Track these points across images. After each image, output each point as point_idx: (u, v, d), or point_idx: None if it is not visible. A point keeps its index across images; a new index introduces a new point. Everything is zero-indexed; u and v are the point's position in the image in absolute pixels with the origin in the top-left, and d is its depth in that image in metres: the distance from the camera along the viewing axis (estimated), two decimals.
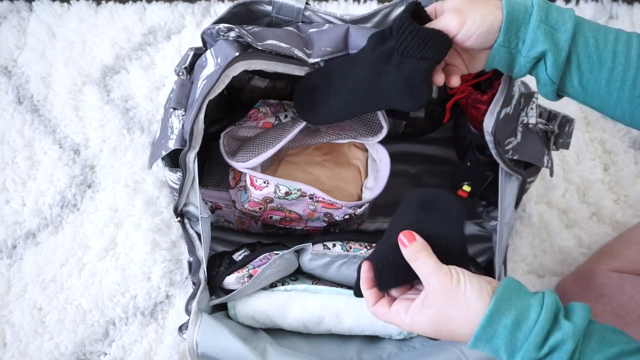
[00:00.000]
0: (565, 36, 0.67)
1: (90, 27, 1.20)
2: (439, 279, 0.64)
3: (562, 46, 0.67)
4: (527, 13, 0.67)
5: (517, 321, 0.61)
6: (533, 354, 0.60)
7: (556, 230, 1.10)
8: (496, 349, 0.62)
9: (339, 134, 0.92)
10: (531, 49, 0.67)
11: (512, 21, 0.67)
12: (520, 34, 0.67)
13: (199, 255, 0.88)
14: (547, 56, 0.67)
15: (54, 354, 1.03)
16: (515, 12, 0.67)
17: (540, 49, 0.67)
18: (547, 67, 0.68)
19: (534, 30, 0.67)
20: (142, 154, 1.13)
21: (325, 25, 0.90)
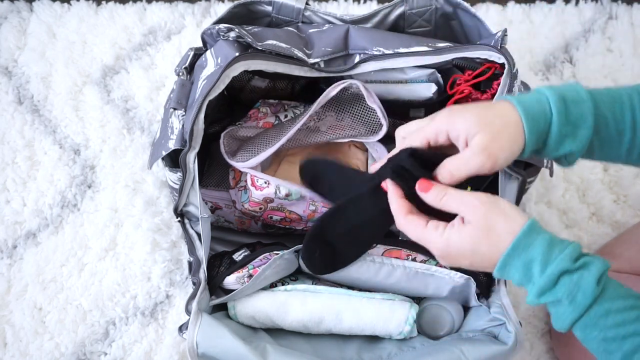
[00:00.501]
0: (587, 132, 0.66)
1: (90, 28, 1.20)
2: (475, 197, 0.64)
3: (584, 143, 0.66)
4: (547, 122, 0.65)
5: (553, 238, 0.62)
6: (567, 263, 0.61)
7: (556, 230, 1.10)
8: (530, 260, 0.62)
9: (339, 134, 0.92)
10: (554, 151, 0.67)
11: (533, 136, 0.65)
12: (541, 139, 0.66)
13: (199, 255, 0.88)
14: (570, 154, 0.67)
15: (54, 354, 1.03)
16: (536, 128, 0.65)
17: (563, 152, 0.67)
18: (568, 158, 0.68)
19: (556, 136, 0.65)
20: (142, 154, 1.13)
21: (325, 26, 0.90)
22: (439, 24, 0.93)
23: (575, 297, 0.61)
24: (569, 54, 1.20)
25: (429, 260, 0.89)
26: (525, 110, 0.65)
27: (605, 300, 0.61)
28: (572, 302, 0.61)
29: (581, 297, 0.61)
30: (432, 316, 0.92)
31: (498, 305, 0.87)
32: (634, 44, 1.20)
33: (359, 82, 0.87)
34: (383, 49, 0.86)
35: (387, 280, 0.89)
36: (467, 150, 0.64)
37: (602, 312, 0.61)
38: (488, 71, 0.86)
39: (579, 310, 0.61)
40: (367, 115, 0.92)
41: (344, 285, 0.91)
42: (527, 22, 1.21)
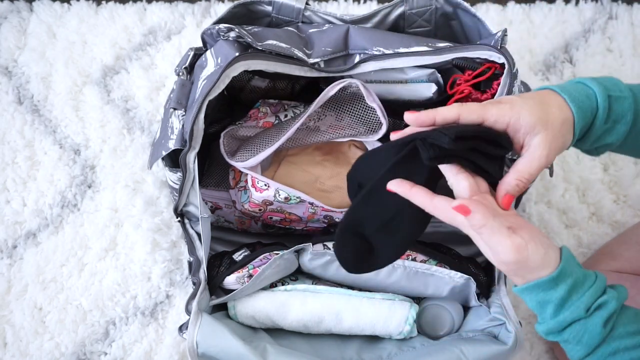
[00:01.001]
0: (625, 128, 0.68)
1: (90, 28, 1.20)
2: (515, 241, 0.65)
3: (620, 137, 0.68)
4: (592, 115, 0.67)
5: (577, 282, 0.63)
6: (581, 313, 0.62)
7: (556, 230, 1.10)
8: (546, 301, 0.63)
9: (339, 133, 0.92)
10: (594, 143, 0.69)
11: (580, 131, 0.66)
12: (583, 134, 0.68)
13: (199, 255, 0.88)
14: (605, 145, 0.69)
15: (54, 354, 1.03)
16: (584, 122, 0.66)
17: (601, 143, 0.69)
18: (599, 150, 0.70)
19: (597, 131, 0.67)
20: (142, 154, 1.13)
21: (325, 26, 0.90)
22: (439, 24, 0.93)
23: (581, 339, 0.63)
24: (569, 54, 1.20)
25: (429, 260, 0.89)
26: (578, 107, 0.65)
27: (613, 340, 0.62)
28: (579, 343, 0.63)
29: (588, 339, 0.63)
30: (432, 316, 0.92)
31: (498, 305, 0.87)
32: (634, 44, 1.20)
33: (358, 81, 0.87)
34: (383, 48, 0.86)
35: (387, 280, 0.89)
36: (531, 153, 0.64)
37: (610, 351, 0.62)
38: (488, 71, 0.86)
39: (587, 350, 0.63)
40: (366, 114, 0.92)
41: (344, 285, 0.91)
42: (527, 22, 1.21)
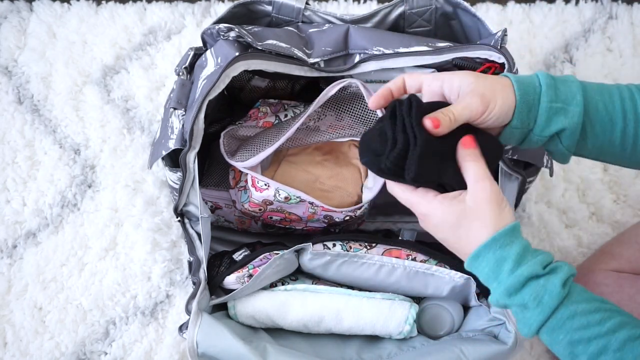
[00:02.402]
0: (578, 109, 0.67)
1: (90, 27, 1.20)
2: (486, 183, 0.65)
3: (576, 120, 0.67)
4: (536, 93, 0.67)
5: (529, 245, 0.64)
6: (537, 268, 0.62)
7: (556, 230, 1.10)
8: (503, 257, 0.63)
9: (339, 133, 0.92)
10: (544, 129, 0.68)
11: (524, 104, 0.67)
12: (531, 114, 0.68)
13: (199, 255, 0.88)
14: (562, 132, 0.68)
15: (54, 354, 1.03)
16: (525, 94, 0.67)
17: (554, 128, 0.67)
18: (562, 140, 0.69)
19: (546, 110, 0.67)
20: (142, 154, 1.13)
21: (325, 25, 0.90)
22: (439, 23, 0.93)
23: (541, 300, 0.62)
24: (569, 54, 1.20)
25: (429, 260, 0.89)
26: (515, 77, 0.68)
27: (571, 303, 0.62)
28: (538, 305, 0.62)
29: (547, 299, 0.62)
30: (432, 316, 0.92)
31: None
32: (634, 44, 1.20)
33: (358, 81, 0.87)
34: (383, 48, 0.86)
35: (387, 280, 0.89)
36: (463, 96, 0.67)
37: (568, 315, 0.62)
38: (488, 71, 0.86)
39: (546, 312, 0.62)
40: (366, 114, 0.92)
41: (344, 285, 0.91)
42: (527, 22, 1.21)
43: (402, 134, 0.65)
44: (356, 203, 0.95)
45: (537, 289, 0.62)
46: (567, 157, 0.70)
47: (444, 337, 0.91)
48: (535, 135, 0.68)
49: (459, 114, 0.66)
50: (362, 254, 0.88)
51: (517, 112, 0.67)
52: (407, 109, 0.65)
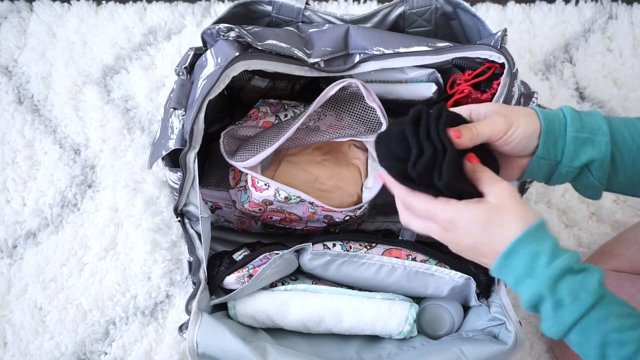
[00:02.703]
0: (605, 139, 0.68)
1: (90, 27, 1.20)
2: (503, 184, 0.65)
3: (604, 149, 0.68)
4: (562, 124, 0.68)
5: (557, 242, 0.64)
6: (573, 262, 0.62)
7: (556, 230, 1.10)
8: (538, 251, 0.62)
9: (339, 133, 0.92)
10: (574, 159, 0.68)
11: (549, 133, 0.68)
12: (558, 145, 0.68)
13: (199, 255, 0.88)
14: (591, 164, 0.68)
15: (54, 354, 1.03)
16: (551, 124, 0.68)
17: (584, 159, 0.68)
18: (593, 172, 0.69)
19: (573, 140, 0.68)
20: (142, 154, 1.13)
21: (325, 25, 0.90)
22: (439, 23, 0.93)
23: (578, 296, 0.61)
24: (569, 54, 1.20)
25: (429, 260, 0.89)
26: (539, 109, 0.69)
27: (605, 304, 0.61)
28: (574, 301, 0.61)
29: (585, 296, 0.61)
30: (432, 316, 0.92)
31: (498, 305, 0.87)
32: (634, 44, 1.20)
33: (358, 81, 0.87)
34: (383, 48, 0.86)
35: (387, 280, 0.89)
36: (488, 118, 0.68)
37: (603, 315, 0.61)
38: (488, 71, 0.86)
39: (581, 309, 0.61)
40: (366, 114, 0.92)
41: (344, 285, 0.91)
42: (527, 22, 1.21)
43: (428, 142, 0.64)
44: (356, 203, 0.95)
45: (574, 285, 0.61)
46: (599, 190, 0.70)
47: (444, 337, 0.91)
48: (564, 166, 0.69)
49: (483, 129, 0.66)
50: (362, 254, 0.88)
51: (542, 141, 0.68)
52: (436, 117, 0.65)
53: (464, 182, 0.67)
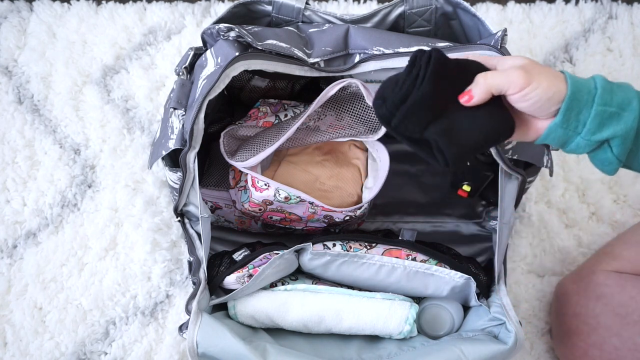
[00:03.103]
0: (633, 115, 0.64)
1: (90, 27, 1.20)
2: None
3: (630, 126, 0.64)
4: (591, 95, 0.65)
5: None
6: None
7: (556, 230, 1.10)
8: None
9: (339, 133, 0.92)
10: (596, 133, 0.65)
11: (574, 102, 0.64)
12: (582, 116, 0.65)
13: (199, 255, 0.88)
14: (613, 139, 0.65)
15: (54, 354, 1.03)
16: (578, 92, 0.64)
17: (607, 133, 0.65)
18: (613, 148, 0.66)
19: (599, 114, 0.64)
20: (142, 154, 1.13)
21: (325, 25, 0.90)
22: (439, 23, 0.93)
23: None
24: (569, 54, 1.20)
25: (429, 260, 0.90)
26: (570, 74, 0.66)
27: None
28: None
29: None
30: (432, 316, 0.92)
31: (498, 305, 0.87)
32: (634, 43, 1.20)
33: (358, 81, 0.87)
34: (383, 48, 0.86)
35: (387, 280, 0.89)
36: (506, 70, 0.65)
37: None
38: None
39: None
40: (366, 114, 0.92)
41: (344, 285, 0.91)
42: (527, 22, 1.21)
43: (411, 81, 0.64)
44: (356, 203, 0.95)
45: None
46: (615, 166, 0.67)
47: (444, 337, 0.91)
48: (584, 139, 0.65)
49: (493, 80, 0.64)
50: (362, 254, 0.88)
51: (563, 109, 0.64)
52: (426, 61, 0.64)
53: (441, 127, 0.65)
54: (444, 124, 0.65)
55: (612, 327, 0.91)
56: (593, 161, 0.70)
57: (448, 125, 0.66)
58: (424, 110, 0.64)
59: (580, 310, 0.94)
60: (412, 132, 0.65)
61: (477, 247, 1.07)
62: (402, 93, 0.64)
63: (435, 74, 0.64)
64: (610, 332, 0.91)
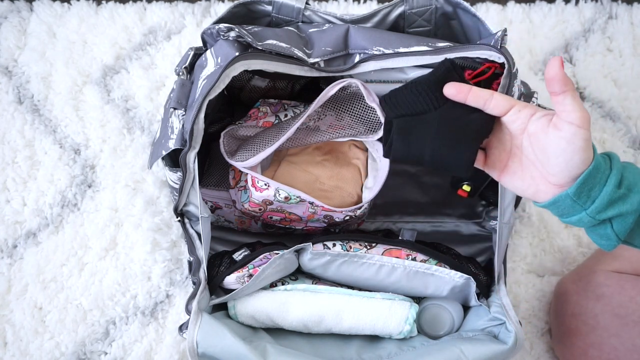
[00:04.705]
0: (638, 197, 0.64)
1: (90, 27, 1.20)
2: None
3: (635, 208, 0.64)
4: (605, 175, 0.64)
5: None
6: None
7: (556, 229, 1.10)
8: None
9: (339, 133, 0.92)
10: (601, 212, 0.64)
11: (590, 177, 0.64)
12: (593, 193, 0.64)
13: (199, 255, 0.88)
14: (618, 218, 0.65)
15: (54, 354, 1.03)
16: (597, 168, 0.64)
17: (612, 213, 0.64)
18: (614, 225, 0.65)
19: (609, 194, 0.64)
20: (142, 154, 1.13)
21: (325, 25, 0.90)
22: (439, 23, 0.93)
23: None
24: (569, 54, 1.20)
25: (429, 260, 0.90)
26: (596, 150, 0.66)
27: None
28: None
29: None
30: (432, 316, 0.92)
31: (498, 305, 0.87)
32: (634, 43, 1.20)
33: (358, 81, 0.86)
34: (383, 48, 0.86)
35: (387, 280, 0.89)
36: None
37: None
38: (488, 71, 0.86)
39: None
40: (366, 114, 0.92)
41: (344, 285, 0.91)
42: (527, 22, 1.21)
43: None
44: (356, 203, 0.95)
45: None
46: (614, 242, 0.67)
47: (444, 337, 0.91)
48: (589, 216, 0.65)
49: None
50: (362, 254, 0.88)
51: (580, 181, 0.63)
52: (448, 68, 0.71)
53: None
54: (410, 124, 0.69)
55: (611, 328, 0.91)
56: (591, 235, 0.69)
57: (413, 126, 0.69)
58: (409, 103, 0.70)
59: (580, 310, 0.94)
60: (388, 112, 0.73)
61: (477, 247, 1.07)
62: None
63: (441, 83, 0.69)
64: (609, 332, 0.91)
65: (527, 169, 0.69)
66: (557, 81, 0.63)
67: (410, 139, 0.69)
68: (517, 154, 0.71)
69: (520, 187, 0.70)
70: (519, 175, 0.70)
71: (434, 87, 0.70)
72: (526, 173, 0.69)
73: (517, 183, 0.71)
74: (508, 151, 0.71)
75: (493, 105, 0.68)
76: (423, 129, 0.70)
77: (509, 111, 0.68)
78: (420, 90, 0.70)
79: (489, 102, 0.68)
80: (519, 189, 0.71)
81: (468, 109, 0.70)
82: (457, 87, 0.67)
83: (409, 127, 0.69)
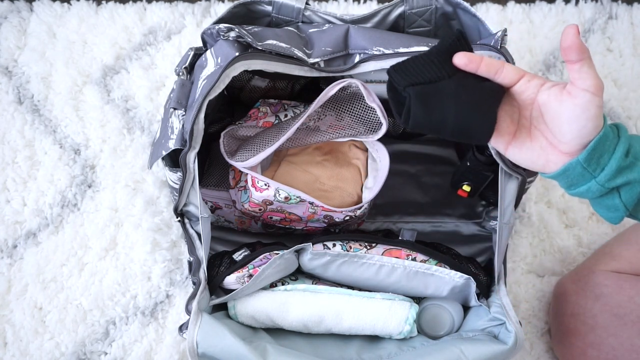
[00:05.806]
0: None
1: (90, 27, 1.20)
2: None
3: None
4: (613, 143, 0.65)
5: None
6: None
7: (556, 230, 1.10)
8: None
9: (339, 133, 0.92)
10: (611, 180, 0.65)
11: (600, 143, 0.65)
12: (602, 160, 0.65)
13: (199, 255, 0.88)
14: (626, 186, 0.66)
15: (54, 354, 1.03)
16: (606, 135, 0.65)
17: (621, 181, 0.65)
18: (622, 194, 0.66)
19: (618, 161, 0.65)
20: (142, 154, 1.13)
21: (325, 25, 0.90)
22: (438, 23, 0.93)
23: None
24: None
25: (429, 260, 0.90)
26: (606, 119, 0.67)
27: None
28: None
29: None
30: (432, 316, 0.92)
31: (498, 305, 0.87)
32: (634, 44, 1.20)
33: (358, 81, 0.87)
34: (383, 48, 0.86)
35: (387, 280, 0.89)
36: None
37: None
38: None
39: None
40: (366, 114, 0.92)
41: (344, 285, 0.91)
42: (527, 22, 1.21)
43: None
44: (356, 203, 0.95)
45: None
46: (621, 214, 0.67)
47: (444, 337, 0.91)
48: (599, 183, 0.66)
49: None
50: (362, 254, 0.88)
51: (591, 147, 0.64)
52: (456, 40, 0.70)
53: None
54: (428, 90, 0.68)
55: (610, 328, 0.91)
56: (598, 208, 0.69)
57: (431, 93, 0.68)
58: (421, 71, 0.68)
59: (579, 310, 0.94)
60: (399, 81, 0.69)
61: (477, 247, 1.07)
62: None
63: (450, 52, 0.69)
64: (608, 332, 0.91)
65: (536, 140, 0.70)
66: (574, 49, 0.64)
67: (430, 105, 0.68)
68: (526, 124, 0.70)
69: (529, 158, 0.70)
70: (527, 146, 0.70)
71: (444, 56, 0.70)
72: (535, 144, 0.70)
73: (525, 155, 0.71)
74: (516, 122, 0.71)
75: (504, 75, 0.69)
76: (441, 95, 0.69)
77: (519, 81, 0.69)
78: (433, 59, 0.69)
79: (500, 71, 0.68)
80: (528, 161, 0.71)
81: (479, 79, 0.70)
82: (469, 57, 0.68)
83: (427, 94, 0.68)
